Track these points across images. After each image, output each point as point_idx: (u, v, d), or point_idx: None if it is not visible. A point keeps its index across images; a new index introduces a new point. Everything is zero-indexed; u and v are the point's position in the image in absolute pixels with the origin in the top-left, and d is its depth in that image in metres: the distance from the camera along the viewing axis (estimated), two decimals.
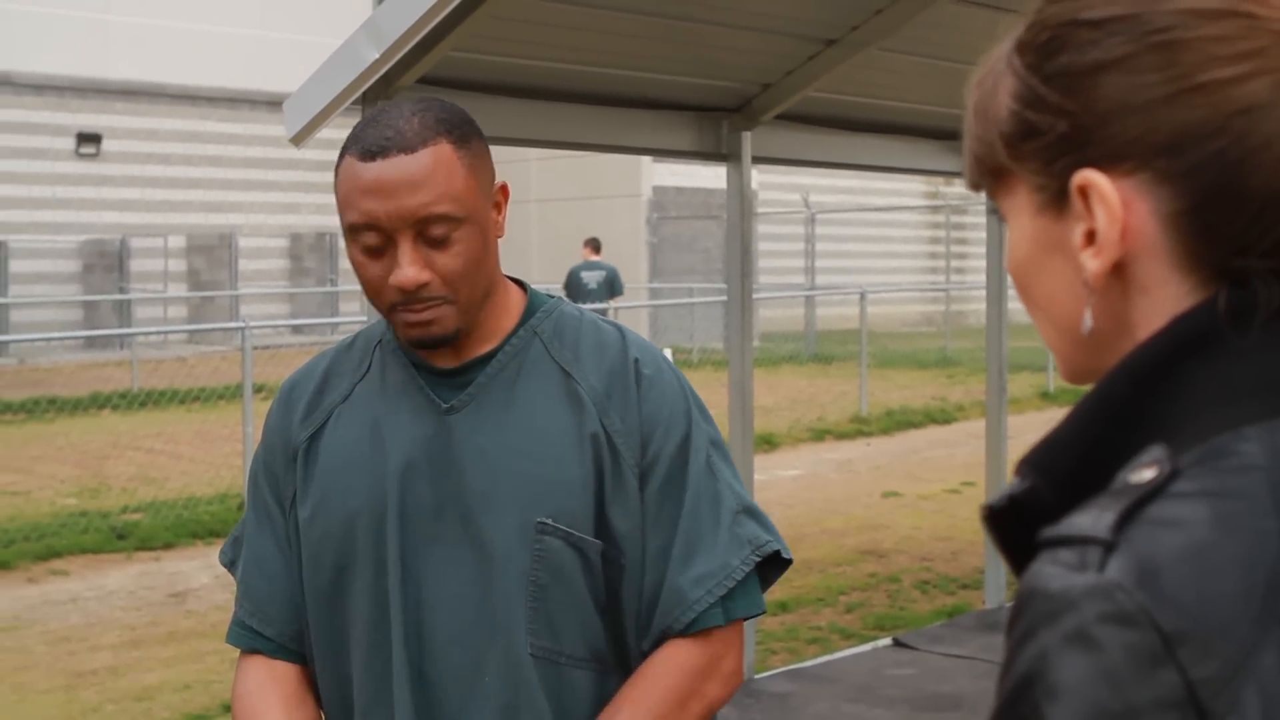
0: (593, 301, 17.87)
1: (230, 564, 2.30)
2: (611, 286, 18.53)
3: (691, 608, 2.07)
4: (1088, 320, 1.05)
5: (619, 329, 2.21)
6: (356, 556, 2.11)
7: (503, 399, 2.11)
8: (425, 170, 1.99)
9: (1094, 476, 0.98)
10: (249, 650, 2.23)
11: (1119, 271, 1.03)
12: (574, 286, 18.44)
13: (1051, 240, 1.06)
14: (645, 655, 2.11)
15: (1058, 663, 0.89)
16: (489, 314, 2.13)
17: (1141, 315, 1.03)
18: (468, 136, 2.06)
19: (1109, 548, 0.90)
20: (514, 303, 2.18)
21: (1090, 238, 1.02)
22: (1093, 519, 0.93)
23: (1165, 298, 1.02)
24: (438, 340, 2.05)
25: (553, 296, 2.24)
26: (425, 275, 2.00)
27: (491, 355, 2.13)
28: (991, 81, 1.10)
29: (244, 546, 2.27)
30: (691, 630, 2.08)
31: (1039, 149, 1.05)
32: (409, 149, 1.99)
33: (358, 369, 2.21)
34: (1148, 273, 1.02)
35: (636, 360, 2.14)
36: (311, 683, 2.21)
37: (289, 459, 2.20)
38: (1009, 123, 1.07)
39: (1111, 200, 1.01)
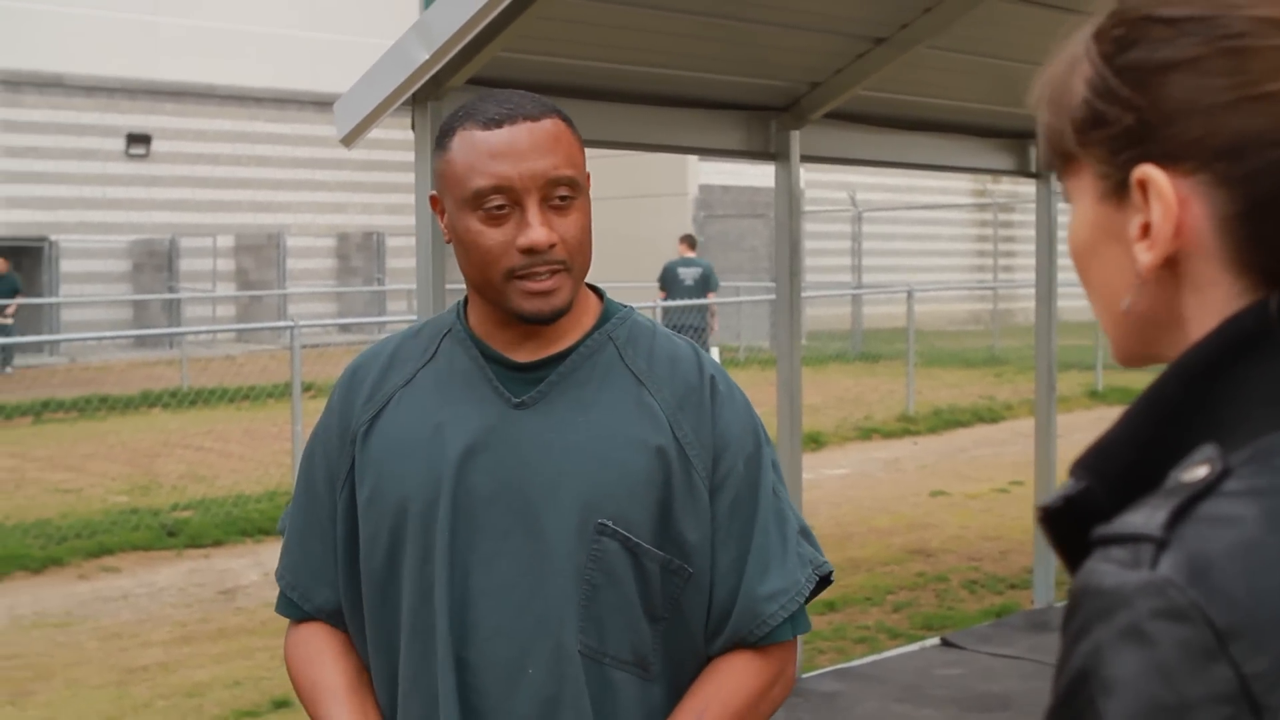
0: (688, 297, 18.17)
1: (283, 532, 2.35)
2: (706, 282, 18.78)
3: (766, 623, 2.13)
4: (1125, 302, 1.08)
5: (691, 344, 2.25)
6: (407, 541, 2.13)
7: (574, 398, 2.13)
8: (550, 136, 2.07)
9: (1147, 476, 1.00)
10: (296, 619, 2.30)
11: (1172, 266, 1.04)
12: (670, 282, 18.72)
13: (1111, 228, 1.08)
14: (709, 660, 2.17)
15: (1112, 658, 0.90)
16: (569, 313, 2.15)
17: (1192, 311, 1.05)
18: (570, 120, 2.14)
19: (1161, 545, 0.92)
20: (590, 306, 2.21)
21: (1146, 230, 1.04)
22: (1145, 517, 0.94)
23: (1216, 297, 1.04)
24: (556, 311, 2.09)
25: (625, 305, 2.27)
26: (555, 236, 2.05)
27: (565, 355, 2.15)
28: (1069, 65, 1.11)
29: (289, 520, 2.32)
30: (762, 644, 2.15)
31: (1105, 139, 1.07)
32: (533, 117, 2.07)
33: (422, 355, 2.23)
34: (1199, 271, 1.04)
35: (713, 377, 2.18)
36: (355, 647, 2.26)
37: (346, 440, 2.22)
38: (1080, 109, 1.09)
39: (1168, 198, 1.02)
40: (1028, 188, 33.67)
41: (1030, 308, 20.75)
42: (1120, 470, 1.02)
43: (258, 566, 9.92)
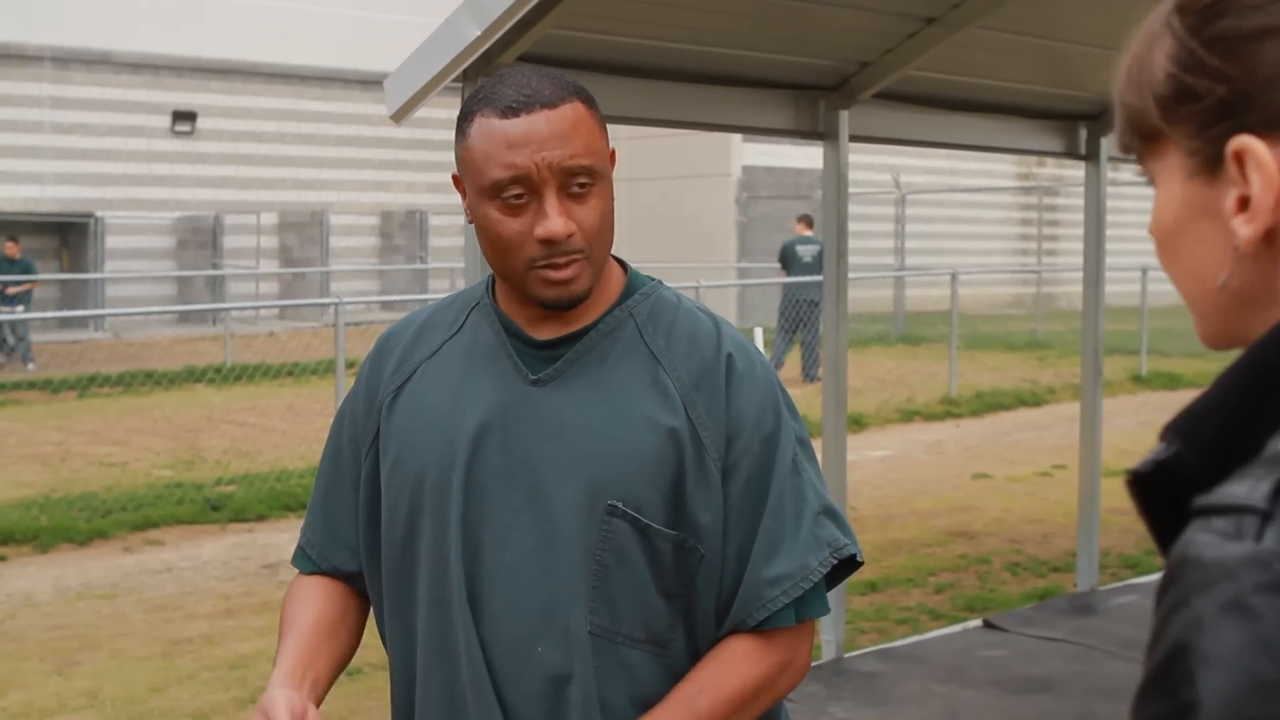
0: (809, 274, 18.85)
1: None
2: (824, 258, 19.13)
3: (765, 607, 2.09)
4: (1221, 279, 1.05)
5: (715, 320, 2.21)
6: (424, 512, 2.14)
7: (590, 377, 2.13)
8: (569, 124, 2.03)
9: (1240, 444, 0.97)
10: (308, 573, 2.34)
11: (1269, 239, 1.02)
12: (790, 260, 19.52)
13: (1202, 205, 1.05)
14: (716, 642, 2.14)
15: (1213, 631, 0.87)
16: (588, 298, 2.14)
17: None
18: (593, 100, 2.11)
19: (1266, 517, 0.89)
20: (614, 281, 2.20)
21: (1243, 204, 1.02)
22: (1248, 488, 0.91)
23: None
24: (575, 299, 2.08)
25: (652, 279, 2.25)
26: (573, 226, 2.03)
27: (584, 332, 2.15)
28: (1147, 42, 1.09)
29: (316, 478, 2.35)
30: (763, 628, 2.11)
31: (1195, 113, 1.04)
32: (551, 104, 2.03)
33: (450, 327, 2.24)
34: None
35: (730, 355, 2.15)
36: (358, 601, 2.30)
37: (373, 408, 2.24)
38: (1165, 85, 1.06)
39: (1268, 167, 1.00)
40: (1072, 171, 33.52)
41: (1073, 292, 20.59)
42: (1212, 436, 1.00)
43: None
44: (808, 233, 20.25)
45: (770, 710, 2.20)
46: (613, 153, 2.13)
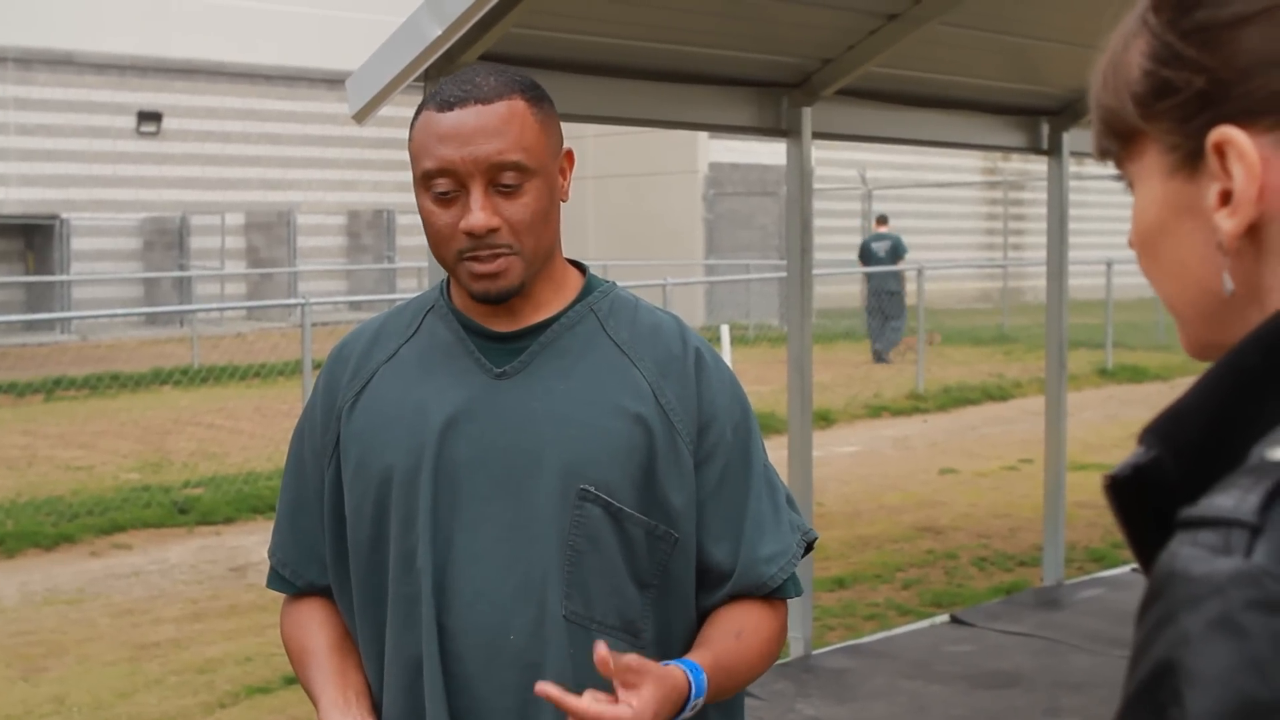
0: (882, 264, 21.24)
1: None
2: (895, 251, 21.94)
3: (766, 584, 2.18)
4: (1228, 282, 1.00)
5: (673, 316, 2.28)
6: (391, 510, 2.15)
7: (555, 368, 2.15)
8: (500, 120, 2.07)
9: (1221, 448, 0.94)
10: (290, 595, 2.36)
11: (1253, 234, 0.99)
12: (867, 255, 22.08)
13: (1183, 203, 1.02)
14: (710, 610, 2.21)
15: (1202, 649, 0.84)
16: (546, 285, 2.18)
17: (1274, 280, 0.99)
18: (540, 98, 2.14)
19: (1255, 531, 0.86)
20: (572, 281, 2.23)
21: (1225, 198, 0.99)
22: (1235, 500, 0.88)
23: None
24: (504, 292, 2.10)
25: (608, 280, 2.28)
26: (495, 221, 2.06)
27: (546, 325, 2.18)
28: (1123, 43, 1.06)
29: (279, 496, 2.36)
30: (771, 599, 2.21)
31: (1173, 107, 1.01)
32: (485, 100, 2.07)
33: (405, 330, 2.26)
34: None
35: (697, 348, 2.21)
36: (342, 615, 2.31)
37: (332, 416, 2.25)
38: (1142, 82, 1.03)
39: (1250, 157, 0.97)
40: (1038, 166, 33.56)
41: (1040, 286, 20.71)
42: (1192, 440, 0.96)
43: (268, 544, 9.92)
44: (882, 230, 22.50)
45: (732, 703, 2.24)
46: (568, 152, 2.17)
